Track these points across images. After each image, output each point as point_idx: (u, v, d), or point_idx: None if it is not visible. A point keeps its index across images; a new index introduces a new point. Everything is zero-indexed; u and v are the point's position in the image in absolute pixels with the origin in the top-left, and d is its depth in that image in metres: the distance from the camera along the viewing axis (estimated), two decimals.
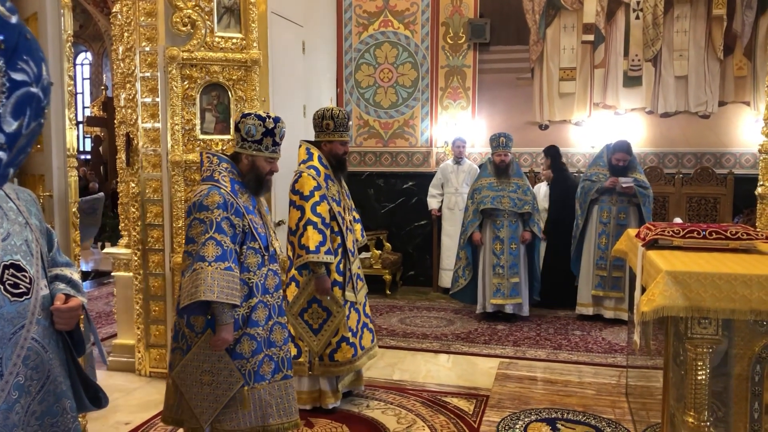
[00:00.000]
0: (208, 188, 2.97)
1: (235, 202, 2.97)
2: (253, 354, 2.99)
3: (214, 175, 3.03)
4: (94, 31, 18.05)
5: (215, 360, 2.93)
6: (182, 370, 2.96)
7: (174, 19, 4.76)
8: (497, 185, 6.60)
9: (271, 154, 3.13)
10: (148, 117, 4.87)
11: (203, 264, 2.80)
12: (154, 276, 4.93)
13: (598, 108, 8.06)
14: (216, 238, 2.85)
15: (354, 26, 8.62)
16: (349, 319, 4.27)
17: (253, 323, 2.99)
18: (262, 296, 3.04)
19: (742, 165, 7.75)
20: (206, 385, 2.93)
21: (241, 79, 4.89)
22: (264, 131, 3.08)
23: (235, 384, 2.94)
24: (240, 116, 3.14)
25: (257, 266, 3.03)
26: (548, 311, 7.06)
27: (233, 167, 3.09)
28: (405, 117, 8.60)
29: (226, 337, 2.89)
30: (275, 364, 3.09)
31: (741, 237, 3.23)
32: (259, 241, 3.04)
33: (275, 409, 3.05)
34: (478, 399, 4.58)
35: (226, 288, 2.81)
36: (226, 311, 2.86)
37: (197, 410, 2.94)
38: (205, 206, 2.90)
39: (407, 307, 7.35)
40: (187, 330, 2.98)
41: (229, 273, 2.83)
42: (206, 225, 2.87)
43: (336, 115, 4.26)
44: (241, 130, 3.10)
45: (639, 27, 7.88)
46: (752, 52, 7.65)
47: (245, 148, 3.10)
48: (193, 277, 2.80)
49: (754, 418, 2.81)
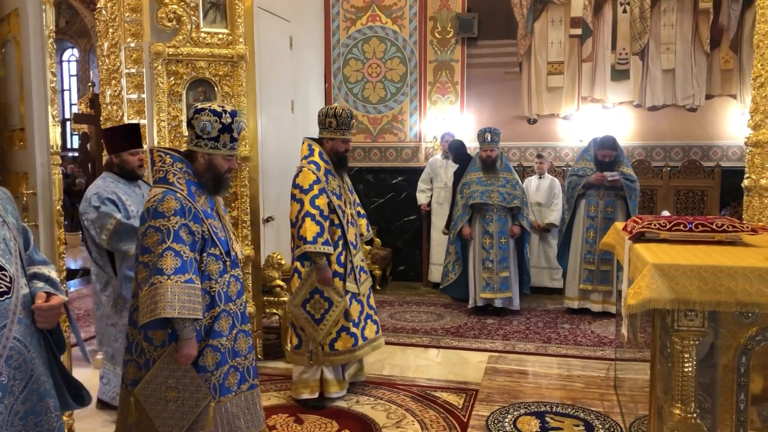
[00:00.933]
0: (163, 192, 2.75)
1: (193, 207, 2.78)
2: (217, 366, 2.83)
3: (168, 177, 2.80)
4: (81, 27, 17.92)
5: (180, 375, 2.76)
6: (145, 386, 2.77)
7: (159, 15, 4.72)
8: (486, 180, 6.61)
9: (230, 151, 2.91)
10: (134, 113, 4.84)
11: (162, 278, 2.61)
12: None
13: (586, 102, 8.07)
14: (174, 248, 2.65)
15: (342, 21, 8.59)
16: (350, 309, 4.35)
17: (216, 334, 2.82)
18: (225, 305, 2.87)
19: (729, 158, 7.79)
20: (171, 402, 2.76)
21: (228, 75, 4.86)
22: (221, 127, 2.84)
23: (203, 400, 2.78)
24: (193, 112, 2.88)
25: (219, 273, 2.85)
26: (538, 305, 7.08)
27: (188, 167, 2.87)
28: (394, 112, 8.58)
29: (189, 353, 2.73)
30: (241, 375, 2.95)
31: (727, 229, 3.24)
32: (220, 246, 2.86)
33: (242, 421, 2.93)
34: (468, 393, 4.59)
35: (188, 302, 2.63)
36: (188, 325, 2.69)
37: (163, 428, 2.77)
38: (160, 213, 2.69)
39: (397, 302, 7.35)
40: (146, 344, 2.79)
41: (189, 285, 2.65)
42: (163, 234, 2.67)
43: (339, 114, 4.36)
44: (195, 127, 2.86)
45: (626, 20, 7.90)
46: (738, 45, 7.68)
47: (201, 147, 2.86)
48: (152, 293, 2.61)
49: (740, 409, 2.82)
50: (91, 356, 5.26)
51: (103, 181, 4.12)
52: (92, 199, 3.98)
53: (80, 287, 8.59)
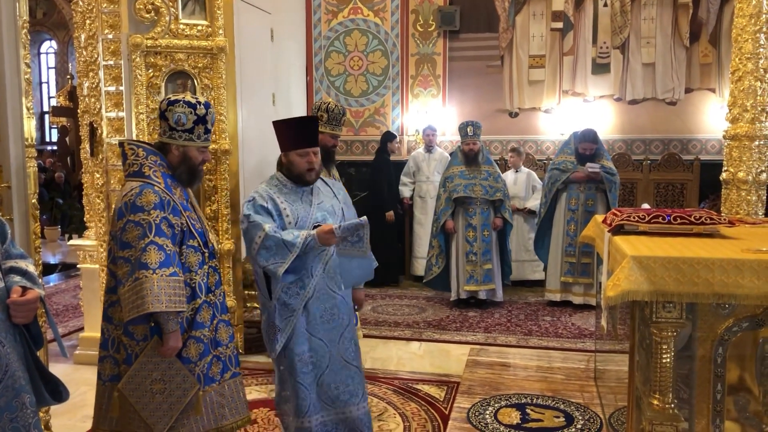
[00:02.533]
0: (140, 186, 2.73)
1: (172, 200, 2.77)
2: (200, 357, 2.84)
3: (144, 170, 2.78)
4: (59, 19, 17.67)
5: (165, 367, 2.76)
6: (130, 380, 2.76)
7: (137, 6, 4.66)
8: (468, 173, 6.62)
9: (204, 143, 2.92)
10: (112, 106, 4.78)
11: (147, 272, 2.60)
12: None
13: (567, 95, 8.11)
14: (157, 242, 2.64)
15: (323, 14, 8.55)
16: None
17: (198, 325, 2.83)
18: (205, 296, 2.88)
19: (708, 151, 7.87)
20: (158, 393, 2.75)
21: (207, 67, 4.82)
22: (195, 119, 2.85)
23: (190, 389, 2.79)
24: (166, 103, 2.86)
25: (198, 265, 2.86)
26: (519, 297, 7.12)
27: (162, 159, 2.85)
28: (376, 105, 8.57)
29: (174, 345, 2.73)
30: (223, 364, 2.96)
31: (704, 222, 3.27)
32: (198, 238, 2.87)
33: (227, 410, 2.94)
34: (449, 386, 4.60)
35: (173, 296, 2.64)
36: (172, 318, 2.69)
37: (151, 420, 2.76)
38: (139, 207, 2.67)
39: (379, 296, 7.35)
40: (126, 338, 2.77)
41: (174, 279, 2.66)
42: (144, 228, 2.65)
43: (331, 109, 4.37)
44: (168, 118, 2.84)
45: (607, 14, 7.93)
46: (717, 39, 7.75)
47: (175, 138, 2.85)
48: (137, 287, 2.60)
49: (716, 399, 2.86)
50: (70, 351, 5.21)
51: (267, 184, 3.35)
52: (246, 207, 3.27)
53: (59, 282, 8.50)
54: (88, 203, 5.39)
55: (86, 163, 5.19)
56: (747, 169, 5.10)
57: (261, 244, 3.03)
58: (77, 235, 10.28)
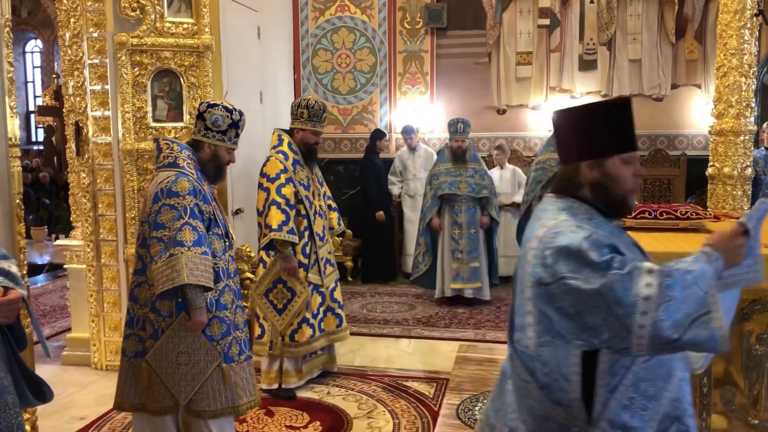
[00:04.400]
0: (176, 174, 2.98)
1: (202, 189, 3.02)
2: (222, 336, 3.05)
3: (179, 162, 3.04)
4: (44, 18, 17.52)
5: (191, 341, 2.97)
6: (157, 353, 2.99)
7: (122, 4, 4.64)
8: (455, 171, 6.62)
9: (233, 145, 3.20)
10: (97, 105, 4.75)
11: (182, 249, 2.83)
12: (107, 267, 4.83)
13: (555, 92, 8.13)
14: (191, 223, 2.89)
15: (310, 11, 8.53)
16: (311, 300, 4.37)
17: (221, 306, 3.05)
18: (227, 280, 3.10)
19: (694, 146, 7.92)
20: (183, 365, 2.98)
21: (194, 65, 4.79)
22: (230, 123, 3.13)
23: (213, 361, 3.00)
24: (206, 105, 3.16)
25: (222, 251, 3.09)
26: (508, 294, 7.13)
27: (194, 155, 3.12)
28: (364, 103, 8.56)
29: (201, 320, 2.95)
30: (240, 347, 3.16)
31: (690, 217, 3.30)
32: (221, 227, 3.11)
33: (243, 390, 3.12)
34: (439, 382, 4.61)
35: (205, 272, 2.86)
36: (200, 294, 2.91)
37: (175, 389, 2.98)
38: (175, 192, 2.92)
39: (369, 293, 7.35)
40: (153, 315, 2.99)
41: (206, 257, 2.89)
42: (179, 211, 2.89)
43: (311, 106, 4.38)
44: (206, 119, 3.12)
45: (593, 11, 7.96)
46: (703, 35, 7.80)
47: (208, 137, 3.13)
48: (172, 262, 2.82)
49: (703, 392, 2.88)
50: (57, 352, 5.18)
51: (571, 216, 1.82)
52: (580, 249, 1.70)
53: (46, 282, 8.44)
54: (74, 203, 5.35)
55: (72, 162, 5.16)
56: (732, 164, 5.14)
57: (662, 296, 1.59)
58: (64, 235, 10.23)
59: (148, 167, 4.74)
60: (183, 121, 4.82)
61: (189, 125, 4.82)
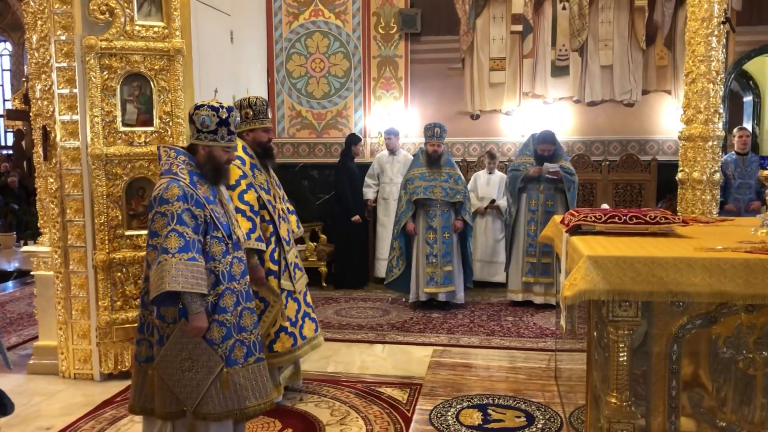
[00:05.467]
0: (168, 181, 3.02)
1: (195, 193, 3.04)
2: (223, 339, 3.09)
3: (173, 168, 3.08)
4: (14, 21, 17.25)
5: (192, 347, 3.03)
6: (161, 360, 3.05)
7: (91, 7, 4.57)
8: (429, 175, 6.63)
9: (228, 143, 3.20)
10: (65, 109, 4.67)
11: (167, 256, 2.89)
12: (75, 274, 4.74)
13: (528, 97, 8.19)
14: (177, 229, 2.93)
15: (284, 15, 8.49)
16: (287, 308, 4.24)
17: (221, 310, 3.08)
18: (228, 283, 3.13)
19: (664, 152, 8.03)
20: (187, 371, 3.04)
21: (164, 69, 4.74)
22: (218, 121, 3.15)
23: (216, 366, 3.06)
24: (193, 108, 3.19)
25: (222, 254, 3.12)
26: (482, 298, 7.16)
27: (191, 159, 3.15)
28: (338, 107, 8.54)
29: (199, 325, 2.99)
30: (247, 349, 3.20)
31: (659, 221, 3.33)
32: (222, 230, 3.13)
33: (251, 392, 3.16)
34: (412, 388, 4.59)
35: (191, 278, 2.89)
36: (196, 300, 2.95)
37: (182, 395, 3.05)
38: (165, 199, 2.97)
39: (343, 299, 7.32)
40: (158, 321, 3.06)
41: (193, 263, 2.91)
42: (167, 218, 2.94)
43: (254, 103, 4.22)
44: (195, 122, 3.15)
45: (565, 17, 8.04)
46: (672, 42, 7.92)
47: (201, 140, 3.16)
48: (159, 270, 2.89)
49: (672, 395, 2.90)
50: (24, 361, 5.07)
51: None
52: None
53: (14, 289, 8.28)
54: (41, 209, 5.25)
55: (39, 167, 5.05)
56: (701, 169, 5.22)
57: None
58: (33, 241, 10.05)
59: (118, 172, 4.67)
60: (153, 126, 4.76)
61: (159, 129, 4.77)
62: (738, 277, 2.72)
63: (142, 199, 4.76)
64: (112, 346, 4.75)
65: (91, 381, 4.75)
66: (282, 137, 8.59)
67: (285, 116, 8.63)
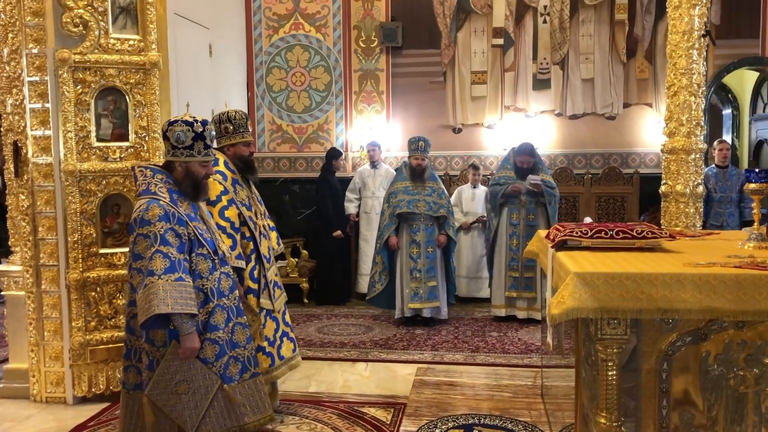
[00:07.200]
0: (147, 202, 2.96)
1: (177, 212, 2.99)
2: (217, 357, 3.05)
3: (151, 188, 3.02)
4: None
5: (186, 369, 2.97)
6: (155, 386, 2.97)
7: (64, 20, 4.46)
8: (413, 189, 6.56)
9: (204, 157, 3.13)
10: (37, 124, 4.54)
11: (153, 278, 2.83)
12: (48, 294, 4.59)
13: (509, 111, 8.17)
14: (162, 250, 2.87)
15: (264, 29, 8.42)
16: (265, 327, 4.13)
17: (212, 328, 3.04)
18: (218, 300, 3.09)
19: (646, 164, 8.03)
20: (183, 394, 2.97)
21: (140, 83, 4.63)
22: (194, 136, 3.08)
23: (213, 385, 3.01)
24: (166, 124, 3.11)
25: (209, 271, 3.08)
26: (466, 313, 7.08)
27: (168, 177, 3.09)
28: (319, 121, 8.46)
29: (192, 346, 2.93)
30: (242, 364, 3.17)
31: (646, 236, 3.27)
32: (207, 246, 3.09)
33: (248, 408, 3.14)
34: (396, 407, 4.49)
35: (180, 298, 2.84)
36: (186, 321, 2.89)
37: (180, 420, 2.98)
38: (146, 221, 2.91)
39: (325, 315, 7.20)
40: (147, 345, 2.99)
41: (180, 283, 2.86)
42: (150, 239, 2.88)
43: (233, 117, 4.13)
44: (169, 138, 3.08)
45: (546, 31, 8.04)
46: (653, 55, 7.94)
47: (177, 156, 3.10)
48: (146, 293, 2.83)
49: (662, 414, 2.83)
50: None
51: None
52: None
53: None
54: (12, 227, 5.08)
55: (10, 184, 4.91)
56: (684, 182, 5.19)
57: None
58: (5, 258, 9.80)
59: (92, 188, 4.54)
60: (129, 141, 4.64)
61: (135, 144, 4.65)
62: (728, 293, 2.66)
63: (117, 216, 4.64)
64: (86, 368, 4.60)
65: (63, 405, 4.59)
66: (262, 152, 8.48)
67: (265, 130, 8.53)
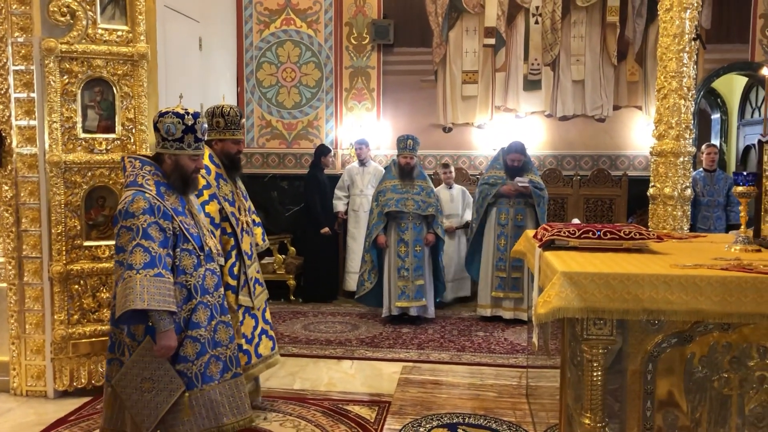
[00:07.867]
0: (133, 194, 2.92)
1: (162, 205, 2.95)
2: (198, 356, 2.99)
3: (138, 180, 2.98)
4: None
5: (155, 367, 2.92)
6: (122, 378, 2.94)
7: (51, 8, 4.40)
8: (401, 187, 6.54)
9: (195, 151, 3.09)
10: (22, 114, 4.48)
11: (131, 272, 2.78)
12: (30, 286, 4.53)
13: (500, 111, 8.17)
14: (143, 244, 2.83)
15: (255, 24, 8.37)
16: (243, 325, 4.06)
17: (194, 325, 2.99)
18: (201, 297, 3.04)
19: (635, 167, 8.05)
20: (146, 392, 2.92)
21: (128, 74, 4.58)
22: (184, 128, 3.03)
23: (176, 390, 2.93)
24: (157, 116, 3.07)
25: (193, 267, 3.03)
26: (453, 313, 7.07)
27: (157, 169, 3.05)
28: (309, 118, 8.42)
29: (167, 344, 2.87)
30: (223, 364, 3.11)
31: (634, 237, 3.27)
32: (193, 241, 3.04)
33: (228, 408, 3.07)
34: (381, 406, 4.47)
35: (158, 294, 2.79)
36: (164, 318, 2.84)
37: (138, 418, 2.92)
38: (130, 213, 2.87)
39: (311, 313, 7.17)
40: (128, 339, 2.95)
41: (159, 279, 2.81)
42: (133, 232, 2.84)
43: (227, 113, 4.06)
44: (160, 129, 3.04)
45: (538, 31, 8.04)
46: (643, 58, 7.96)
47: (167, 148, 3.06)
48: (123, 287, 2.79)
49: (647, 415, 2.83)
50: None
51: None
52: None
53: None
54: None
55: None
56: (673, 184, 5.20)
57: None
58: None
59: (77, 180, 4.49)
60: (115, 133, 4.59)
61: (121, 136, 4.60)
62: (714, 295, 2.66)
63: (102, 208, 4.59)
64: (68, 362, 4.55)
65: (44, 398, 4.54)
66: (251, 147, 8.44)
67: (255, 126, 8.48)
